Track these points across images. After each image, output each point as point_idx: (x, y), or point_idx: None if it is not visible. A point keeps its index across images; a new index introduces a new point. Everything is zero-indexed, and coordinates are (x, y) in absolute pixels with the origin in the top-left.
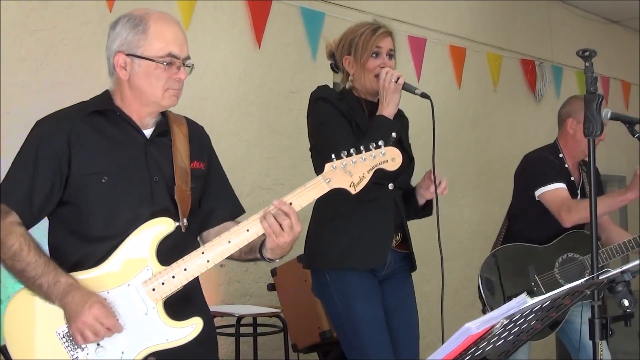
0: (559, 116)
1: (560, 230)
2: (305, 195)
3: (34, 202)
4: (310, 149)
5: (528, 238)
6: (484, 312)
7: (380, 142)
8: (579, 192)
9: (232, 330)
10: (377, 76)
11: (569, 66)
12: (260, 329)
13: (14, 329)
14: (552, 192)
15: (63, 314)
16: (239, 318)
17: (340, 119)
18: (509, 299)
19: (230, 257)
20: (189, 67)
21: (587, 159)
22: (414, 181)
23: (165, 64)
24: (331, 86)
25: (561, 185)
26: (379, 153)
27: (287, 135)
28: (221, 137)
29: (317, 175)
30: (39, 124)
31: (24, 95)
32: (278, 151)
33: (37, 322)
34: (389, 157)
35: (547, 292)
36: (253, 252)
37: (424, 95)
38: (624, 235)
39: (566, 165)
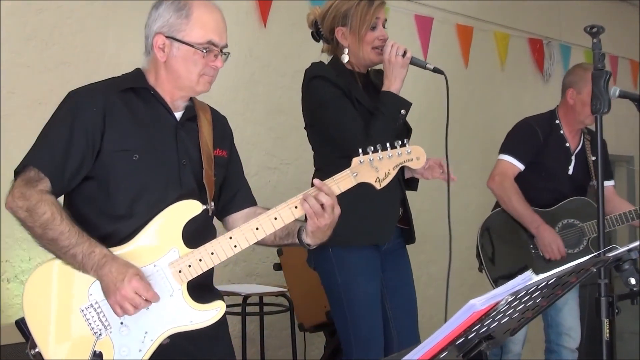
0: (562, 84)
1: (561, 195)
2: (334, 187)
3: (66, 171)
4: (305, 127)
5: (530, 200)
6: (480, 270)
7: (405, 140)
8: (573, 158)
9: (238, 309)
10: (375, 48)
11: (577, 45)
12: (266, 309)
13: (35, 305)
14: (502, 161)
15: (87, 289)
16: (245, 297)
17: (341, 98)
18: (505, 260)
19: (263, 243)
20: (226, 55)
21: (586, 128)
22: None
23: (204, 51)
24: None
25: (512, 160)
26: (405, 151)
27: (294, 115)
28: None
29: (314, 151)
30: (74, 94)
31: (28, 74)
32: (284, 131)
33: (59, 298)
34: (414, 156)
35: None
36: (290, 237)
37: (436, 70)
38: (626, 206)
39: (561, 132)
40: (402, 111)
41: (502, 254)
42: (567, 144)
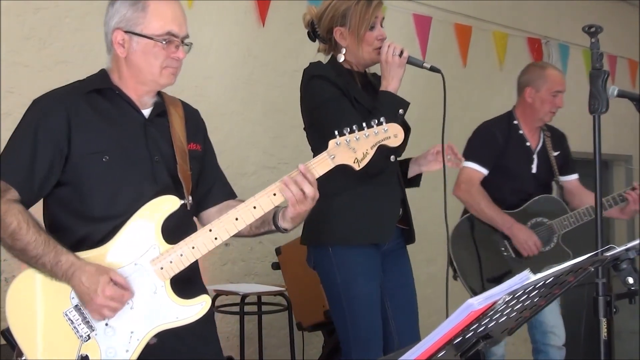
0: (517, 84)
1: (527, 195)
2: (312, 171)
3: (34, 179)
4: (305, 128)
5: (497, 203)
6: (455, 278)
7: (382, 119)
8: (535, 156)
9: (236, 308)
10: (375, 49)
11: (575, 44)
12: (264, 308)
13: (18, 313)
14: (466, 169)
15: (69, 293)
16: (244, 297)
17: (341, 97)
18: (479, 266)
19: (239, 235)
20: (188, 45)
21: (545, 125)
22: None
23: (163, 42)
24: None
25: (475, 166)
26: (382, 129)
27: (292, 114)
28: (225, 117)
29: (313, 152)
30: (37, 102)
31: (27, 73)
32: (283, 130)
33: (42, 305)
34: (392, 134)
35: (516, 256)
36: (266, 225)
37: (433, 69)
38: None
39: (521, 132)
40: (400, 111)
41: (475, 261)
42: (528, 143)
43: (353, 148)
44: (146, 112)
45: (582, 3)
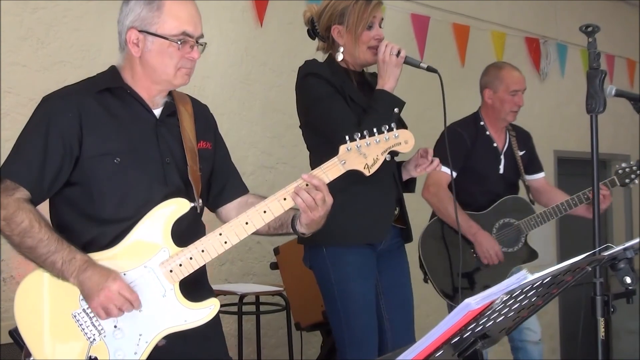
0: (479, 85)
1: (495, 196)
2: (323, 177)
3: (45, 179)
4: (300, 126)
5: (466, 205)
6: (425, 280)
7: (392, 125)
8: (502, 157)
9: (234, 308)
10: (370, 48)
11: (573, 44)
12: (263, 308)
13: (27, 313)
14: (435, 171)
15: (78, 294)
16: (242, 296)
17: (335, 95)
18: (451, 265)
19: (258, 233)
20: (202, 45)
21: (510, 125)
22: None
23: (179, 42)
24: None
25: (443, 168)
26: (392, 135)
27: (290, 114)
28: (224, 116)
29: (309, 151)
30: (47, 99)
31: (25, 73)
32: (281, 130)
33: (50, 305)
34: (402, 140)
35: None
36: (285, 227)
37: (430, 69)
38: (562, 196)
39: (487, 133)
40: (396, 109)
41: (446, 262)
42: (495, 144)
43: (364, 154)
44: (157, 112)
45: (580, 2)
